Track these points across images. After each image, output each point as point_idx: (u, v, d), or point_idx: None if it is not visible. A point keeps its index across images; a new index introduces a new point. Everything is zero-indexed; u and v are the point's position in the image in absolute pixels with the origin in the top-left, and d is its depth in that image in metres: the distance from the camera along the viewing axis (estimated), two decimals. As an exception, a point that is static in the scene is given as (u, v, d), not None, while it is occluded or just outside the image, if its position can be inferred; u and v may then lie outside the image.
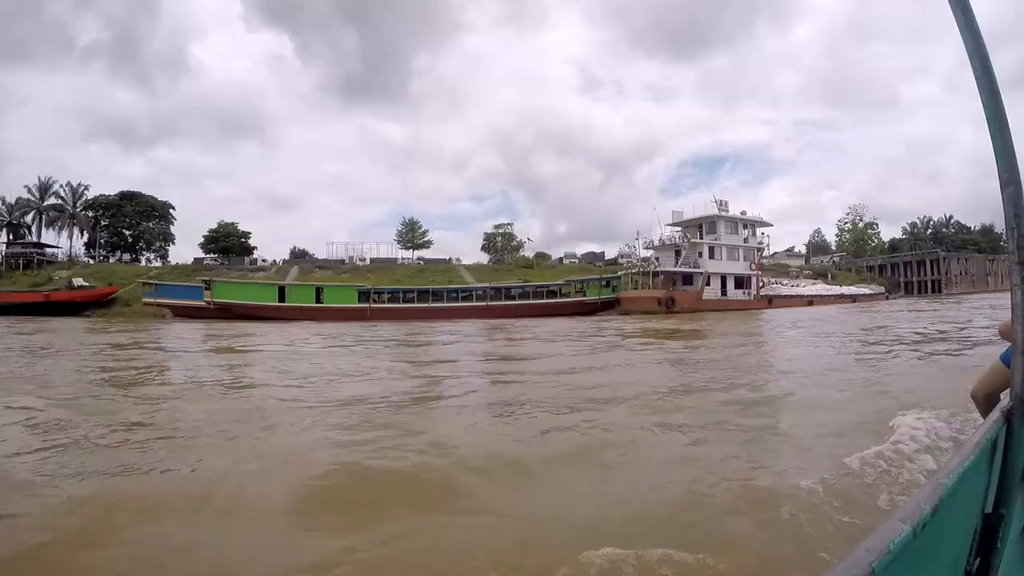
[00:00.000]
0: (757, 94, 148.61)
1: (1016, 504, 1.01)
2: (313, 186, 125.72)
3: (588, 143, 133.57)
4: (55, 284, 38.92)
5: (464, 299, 33.54)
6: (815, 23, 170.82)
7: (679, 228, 37.22)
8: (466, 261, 54.44)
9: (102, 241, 58.89)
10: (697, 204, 39.33)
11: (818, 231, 77.74)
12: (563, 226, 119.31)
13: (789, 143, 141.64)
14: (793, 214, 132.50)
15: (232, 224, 57.49)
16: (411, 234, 55.25)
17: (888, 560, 0.53)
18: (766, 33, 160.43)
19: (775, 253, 68.94)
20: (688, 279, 34.05)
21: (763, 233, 38.18)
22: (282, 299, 32.43)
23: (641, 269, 33.31)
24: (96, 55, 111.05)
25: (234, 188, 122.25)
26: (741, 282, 35.75)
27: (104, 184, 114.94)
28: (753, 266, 36.21)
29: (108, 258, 57.71)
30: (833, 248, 71.84)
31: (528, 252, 58.40)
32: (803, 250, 76.24)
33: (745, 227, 37.04)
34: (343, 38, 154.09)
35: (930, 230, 67.23)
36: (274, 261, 54.21)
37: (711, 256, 34.35)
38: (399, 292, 33.81)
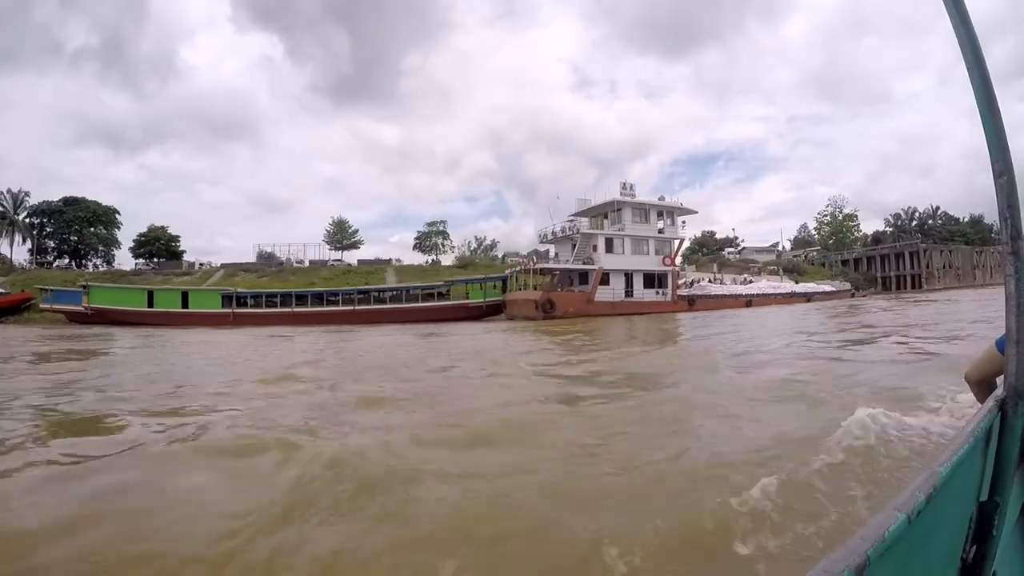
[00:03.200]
0: (751, 90, 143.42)
1: (1011, 492, 1.01)
2: (306, 188, 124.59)
3: (581, 141, 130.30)
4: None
5: (331, 303, 30.04)
6: (808, 18, 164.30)
7: (581, 218, 32.71)
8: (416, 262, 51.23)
9: (50, 246, 58.71)
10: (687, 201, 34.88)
11: (804, 226, 72.00)
12: (557, 226, 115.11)
13: (782, 139, 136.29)
14: (786, 210, 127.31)
15: (161, 228, 56.28)
16: (340, 235, 52.30)
17: (883, 548, 0.53)
18: (758, 29, 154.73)
19: (743, 248, 63.87)
20: (586, 277, 29.67)
21: (683, 222, 33.27)
22: (151, 304, 31.06)
23: (523, 267, 28.94)
24: (84, 59, 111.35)
25: (226, 191, 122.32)
26: (653, 280, 31.10)
27: (96, 190, 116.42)
28: (667, 261, 31.42)
29: (52, 264, 56.97)
30: (817, 242, 66.47)
31: (498, 252, 55.52)
32: (788, 245, 71.24)
33: (660, 215, 32.23)
34: (333, 39, 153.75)
35: (915, 222, 60.57)
36: (203, 265, 52.05)
37: (609, 249, 29.56)
38: (262, 296, 30.74)
